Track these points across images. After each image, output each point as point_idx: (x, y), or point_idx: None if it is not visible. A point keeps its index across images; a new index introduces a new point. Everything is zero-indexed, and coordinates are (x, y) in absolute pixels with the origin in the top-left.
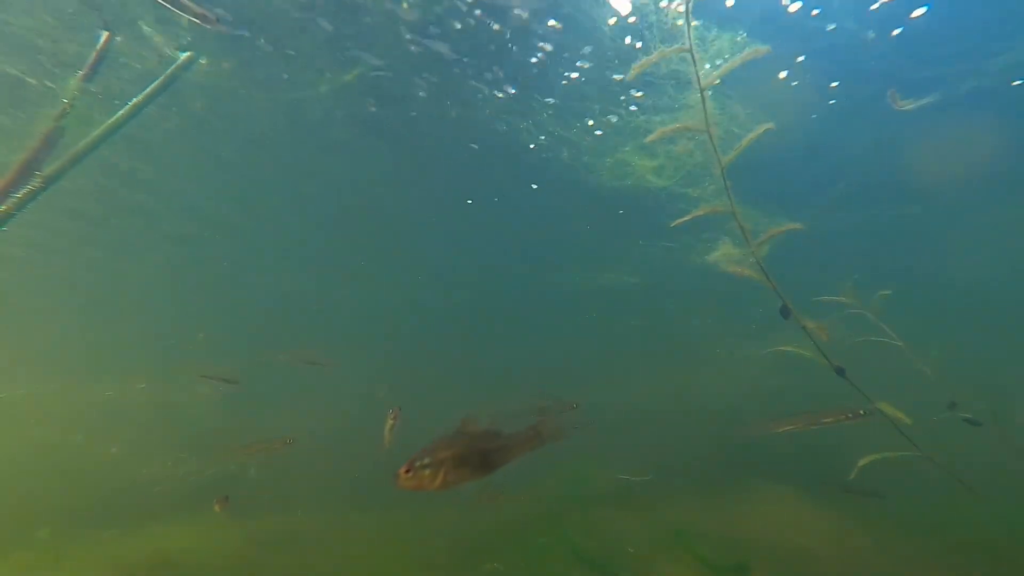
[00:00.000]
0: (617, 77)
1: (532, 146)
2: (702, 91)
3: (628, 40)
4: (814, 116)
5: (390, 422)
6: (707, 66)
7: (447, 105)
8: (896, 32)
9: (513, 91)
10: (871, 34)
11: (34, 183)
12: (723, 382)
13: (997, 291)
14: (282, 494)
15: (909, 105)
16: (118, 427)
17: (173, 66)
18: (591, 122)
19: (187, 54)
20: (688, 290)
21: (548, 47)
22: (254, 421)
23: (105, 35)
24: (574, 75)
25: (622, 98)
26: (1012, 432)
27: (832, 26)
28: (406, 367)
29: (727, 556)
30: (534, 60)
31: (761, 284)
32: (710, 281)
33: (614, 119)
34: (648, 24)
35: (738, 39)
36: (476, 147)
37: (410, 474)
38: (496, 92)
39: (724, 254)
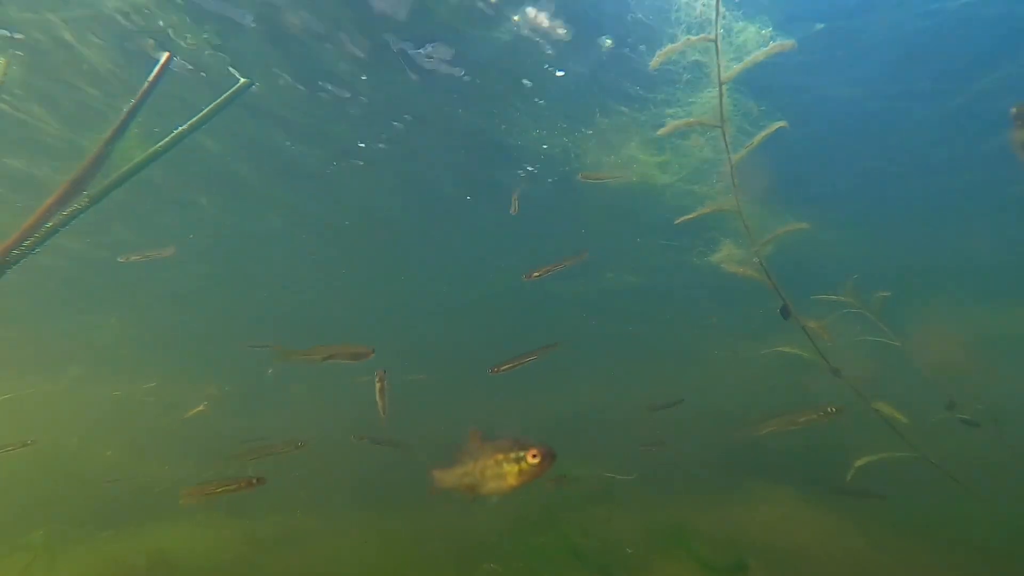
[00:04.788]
0: (654, 61)
1: (544, 147)
2: (720, 84)
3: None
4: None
5: (379, 385)
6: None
7: (454, 107)
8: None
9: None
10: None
11: (80, 201)
12: (722, 382)
13: None
14: (282, 494)
15: None
16: (122, 427)
17: (229, 92)
18: (598, 116)
19: (243, 80)
20: (687, 290)
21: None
22: (257, 422)
23: (165, 55)
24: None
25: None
26: (1010, 433)
27: None
28: (404, 369)
29: (725, 556)
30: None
31: (763, 284)
32: (710, 281)
33: (623, 112)
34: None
35: (763, 32)
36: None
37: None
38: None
39: (727, 254)
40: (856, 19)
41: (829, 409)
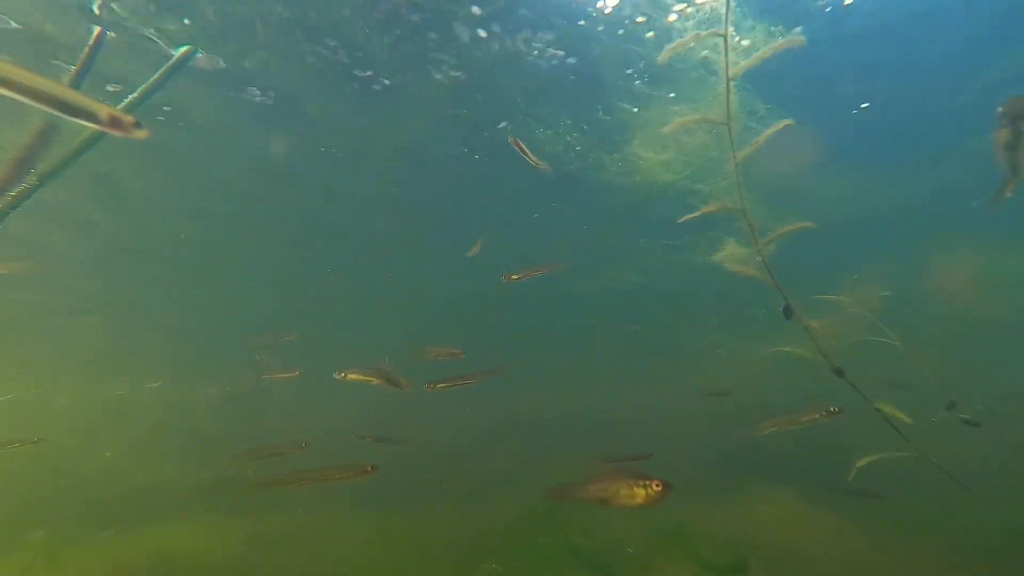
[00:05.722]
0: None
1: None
2: (728, 81)
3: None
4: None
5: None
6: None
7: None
8: None
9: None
10: None
11: (29, 181)
12: (722, 382)
13: None
14: (282, 494)
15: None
16: (124, 428)
17: (172, 60)
18: (601, 113)
19: (186, 47)
20: (689, 289)
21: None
22: (259, 422)
23: (97, 30)
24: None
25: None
26: (1010, 433)
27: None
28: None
29: (726, 556)
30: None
31: (765, 283)
32: (712, 280)
33: (627, 109)
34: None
35: (773, 29)
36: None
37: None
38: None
39: (729, 253)
40: None
41: (831, 409)
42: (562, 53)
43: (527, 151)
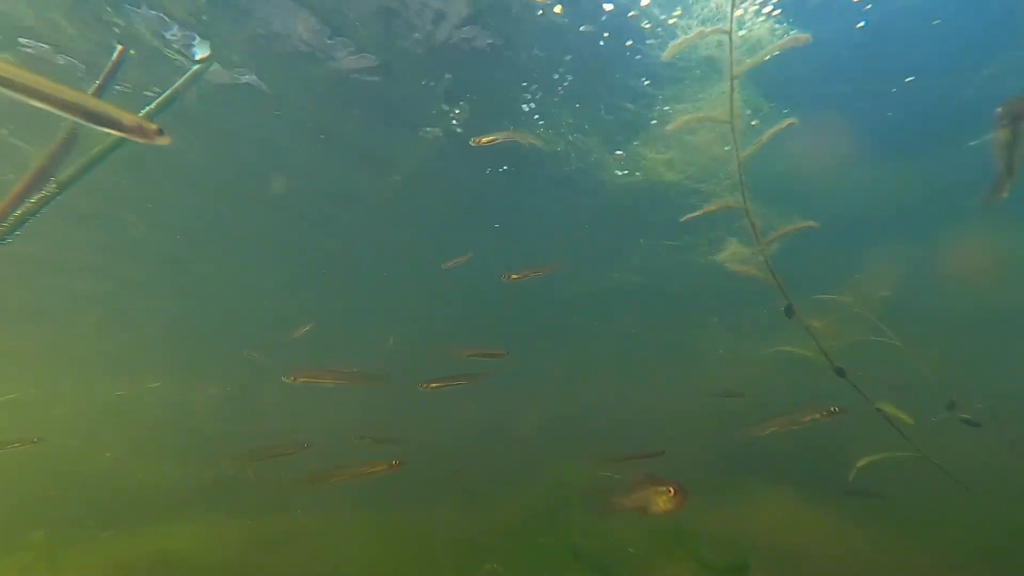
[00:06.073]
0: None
1: (558, 150)
2: (732, 79)
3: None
4: None
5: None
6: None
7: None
8: None
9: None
10: None
11: (49, 188)
12: (724, 382)
13: None
14: (282, 494)
15: None
16: (124, 428)
17: (189, 72)
18: (604, 113)
19: (200, 64)
20: (690, 290)
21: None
22: (259, 422)
23: (119, 48)
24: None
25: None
26: (1010, 432)
27: None
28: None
29: (726, 556)
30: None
31: (766, 283)
32: (713, 280)
33: (628, 108)
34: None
35: (777, 28)
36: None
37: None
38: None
39: (732, 253)
40: None
41: (831, 409)
42: (562, 51)
43: (510, 134)
